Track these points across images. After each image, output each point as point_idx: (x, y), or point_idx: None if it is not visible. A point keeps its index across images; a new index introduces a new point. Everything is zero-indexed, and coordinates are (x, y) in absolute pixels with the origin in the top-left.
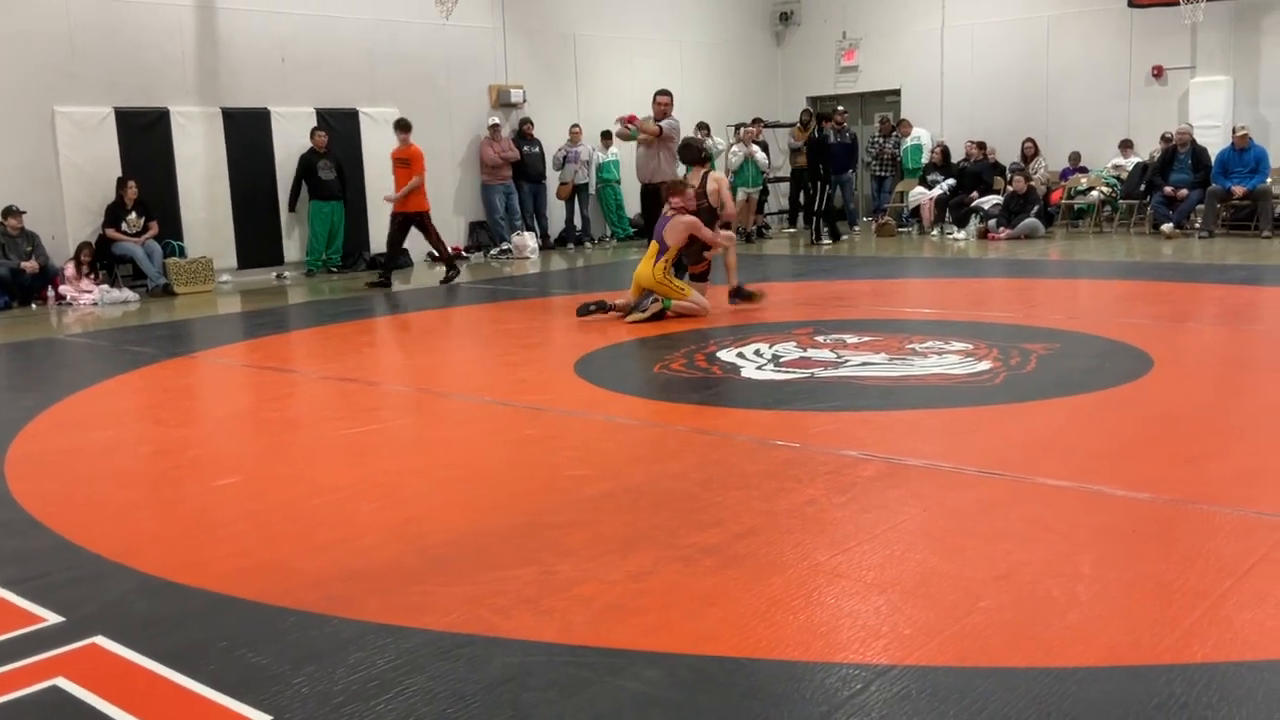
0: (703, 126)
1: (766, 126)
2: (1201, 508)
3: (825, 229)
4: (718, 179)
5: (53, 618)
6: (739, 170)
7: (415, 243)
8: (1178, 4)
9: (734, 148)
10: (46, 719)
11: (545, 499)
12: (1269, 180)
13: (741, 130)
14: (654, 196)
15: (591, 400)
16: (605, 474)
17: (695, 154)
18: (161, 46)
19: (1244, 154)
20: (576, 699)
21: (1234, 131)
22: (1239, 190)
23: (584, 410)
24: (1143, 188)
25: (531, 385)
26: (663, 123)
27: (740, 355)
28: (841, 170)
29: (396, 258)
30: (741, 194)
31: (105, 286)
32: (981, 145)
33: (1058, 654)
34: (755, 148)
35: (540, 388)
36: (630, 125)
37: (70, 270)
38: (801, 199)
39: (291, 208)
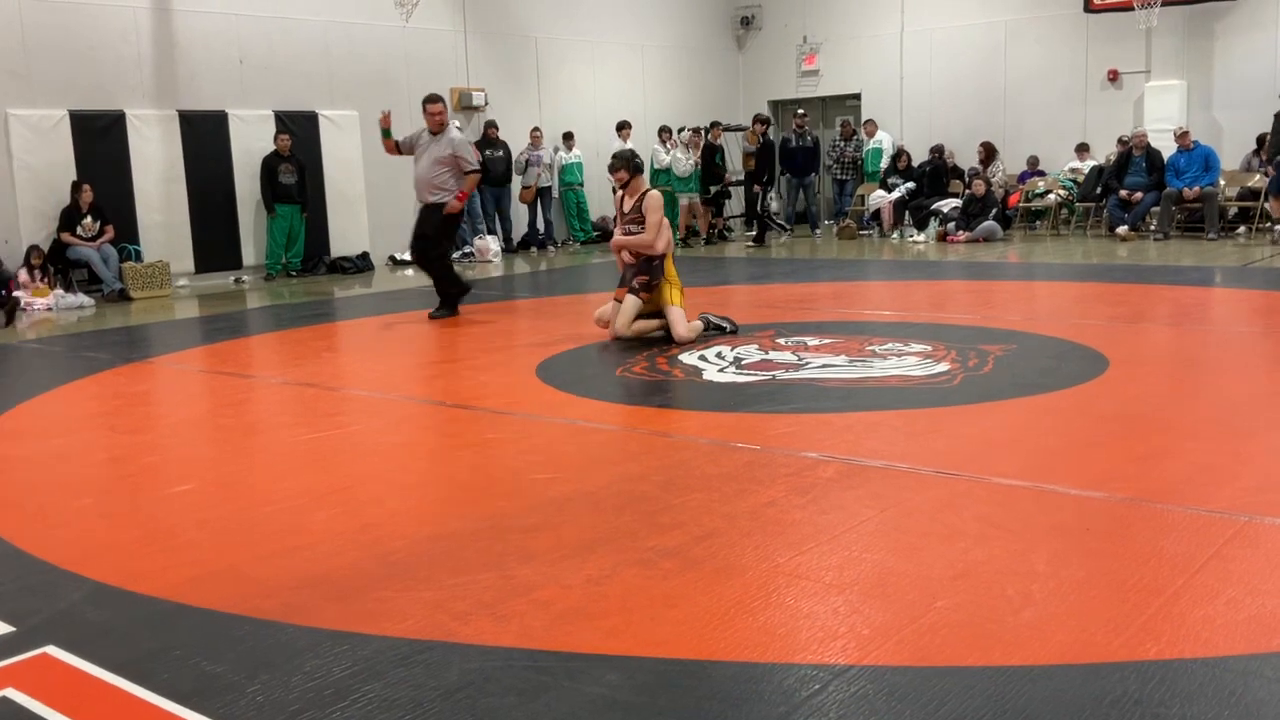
0: (665, 130)
1: (726, 130)
2: (1154, 506)
3: (760, 230)
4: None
5: (2, 627)
6: (691, 175)
7: (379, 245)
8: (1133, 9)
9: (677, 153)
10: None
11: (506, 503)
12: (1221, 181)
13: (684, 134)
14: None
15: (554, 404)
16: (567, 477)
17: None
18: (117, 49)
19: (1192, 154)
20: (535, 703)
21: (1175, 134)
22: (1189, 193)
23: (546, 414)
24: (1099, 190)
25: (493, 389)
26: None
27: (702, 358)
28: (804, 174)
29: None
30: (684, 199)
31: (60, 291)
32: (939, 149)
33: (1013, 652)
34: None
35: (502, 391)
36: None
37: (23, 275)
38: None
39: (270, 210)
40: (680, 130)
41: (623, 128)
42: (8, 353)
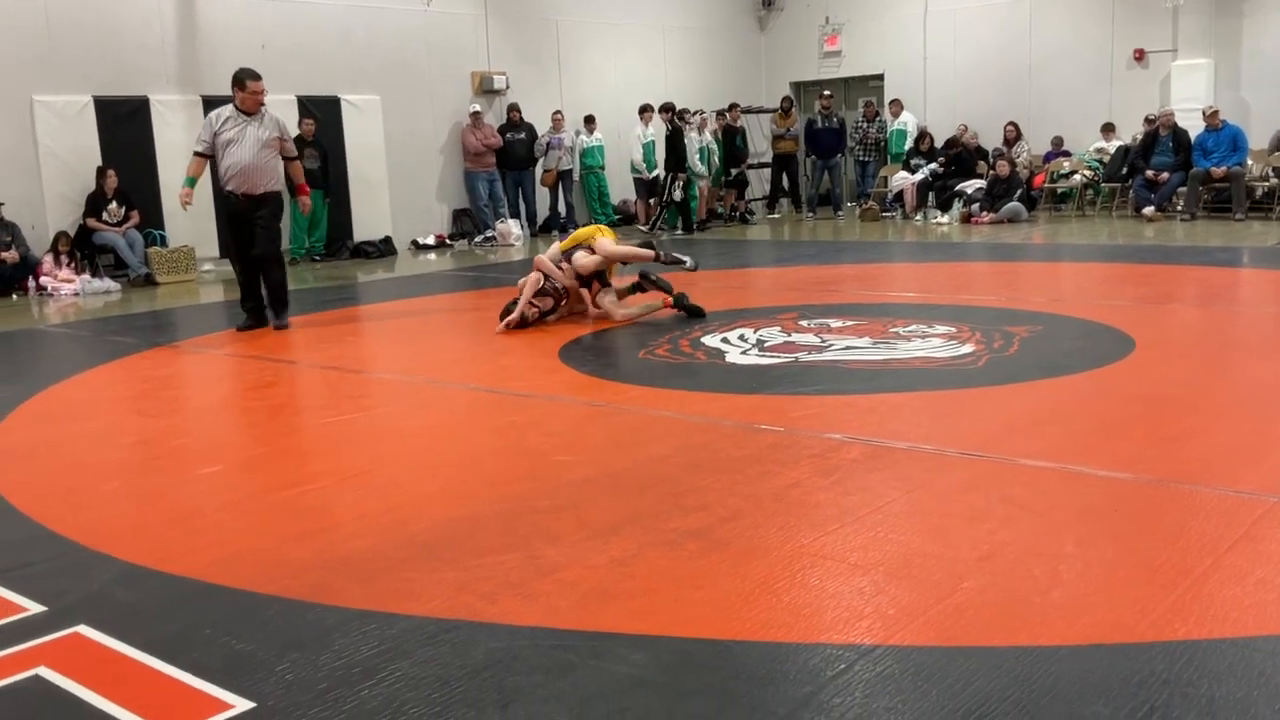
0: (668, 108)
1: (745, 112)
2: (1183, 487)
3: (676, 221)
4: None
5: (35, 607)
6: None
7: (401, 229)
8: None
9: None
10: (29, 708)
11: (530, 485)
12: (1248, 161)
13: (696, 116)
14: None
15: (576, 386)
16: (590, 459)
17: None
18: (140, 34)
19: (1220, 133)
20: (562, 682)
21: (1204, 113)
22: (1217, 173)
23: (569, 396)
24: (1125, 171)
25: (516, 372)
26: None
27: (725, 340)
28: (829, 155)
29: None
30: (703, 182)
31: (87, 276)
32: (953, 141)
33: (1041, 633)
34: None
35: (525, 374)
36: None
37: (48, 261)
38: (784, 183)
39: (292, 194)
40: (697, 112)
41: (645, 111)
42: (36, 337)
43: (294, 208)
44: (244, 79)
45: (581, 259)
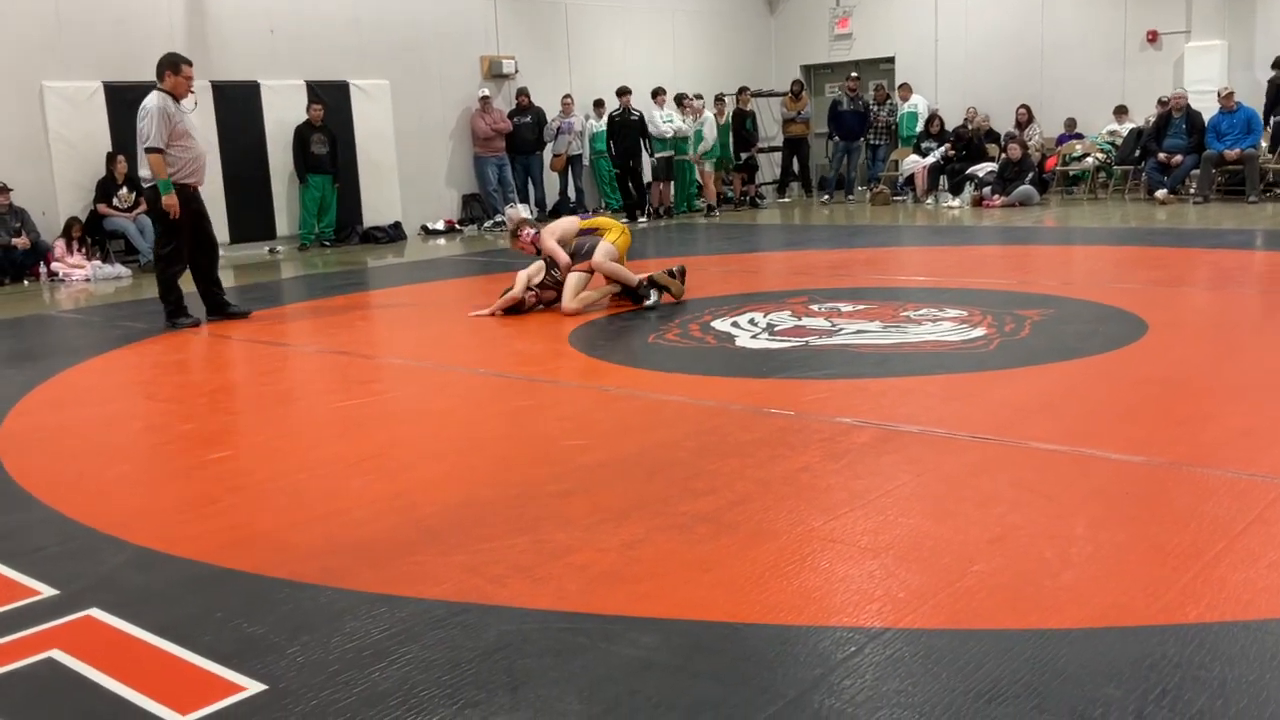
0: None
1: (755, 95)
2: (1195, 470)
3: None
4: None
5: (47, 591)
6: (696, 142)
7: (411, 214)
8: None
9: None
10: (42, 691)
11: (540, 469)
12: (1262, 144)
13: (686, 102)
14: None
15: (586, 371)
16: (600, 444)
17: None
18: (149, 20)
19: (1234, 115)
20: (572, 665)
21: (1218, 95)
22: (1230, 155)
23: (578, 381)
24: (1137, 153)
25: (526, 357)
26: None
27: (735, 324)
28: (853, 138)
29: None
30: (705, 165)
31: (98, 262)
32: (960, 132)
33: (1052, 615)
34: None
35: (534, 359)
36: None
37: (60, 247)
38: (794, 167)
39: (301, 180)
40: (696, 96)
41: (657, 94)
42: (47, 322)
43: (302, 193)
44: (179, 63)
45: (551, 245)
